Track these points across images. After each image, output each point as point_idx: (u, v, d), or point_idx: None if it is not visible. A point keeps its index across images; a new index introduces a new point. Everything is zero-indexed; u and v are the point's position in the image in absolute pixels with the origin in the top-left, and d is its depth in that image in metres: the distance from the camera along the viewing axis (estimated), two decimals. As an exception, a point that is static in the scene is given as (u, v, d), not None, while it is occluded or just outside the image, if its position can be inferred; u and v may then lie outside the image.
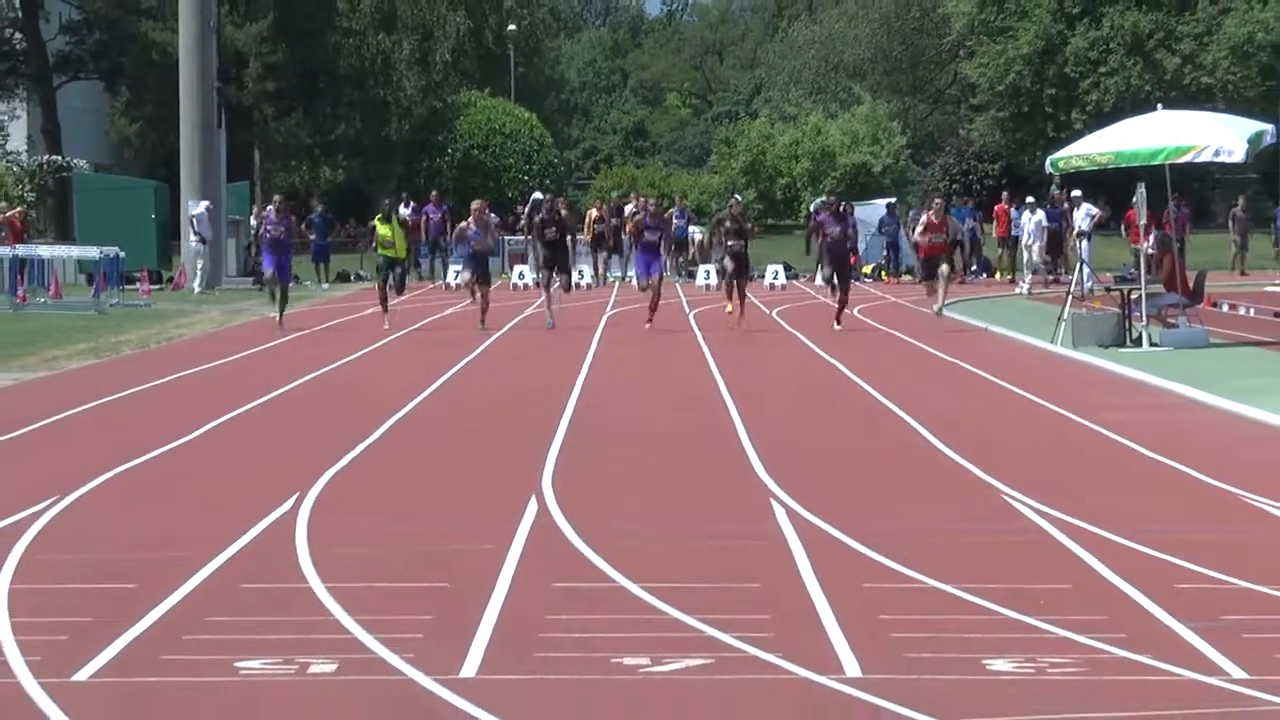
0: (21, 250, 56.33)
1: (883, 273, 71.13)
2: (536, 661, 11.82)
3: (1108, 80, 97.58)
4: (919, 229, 45.68)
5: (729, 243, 44.06)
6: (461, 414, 26.10)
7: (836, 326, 42.84)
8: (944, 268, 45.08)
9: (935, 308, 44.28)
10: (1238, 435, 23.91)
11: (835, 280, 43.96)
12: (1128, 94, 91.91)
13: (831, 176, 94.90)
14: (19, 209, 66.03)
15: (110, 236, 57.70)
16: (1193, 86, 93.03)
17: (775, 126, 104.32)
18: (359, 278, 65.73)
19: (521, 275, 65.35)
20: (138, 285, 59.12)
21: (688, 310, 50.65)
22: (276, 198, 47.86)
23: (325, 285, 66.32)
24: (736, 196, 49.08)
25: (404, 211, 57.21)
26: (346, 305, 54.01)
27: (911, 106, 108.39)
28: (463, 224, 46.17)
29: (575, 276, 68.56)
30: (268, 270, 44.93)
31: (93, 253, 55.94)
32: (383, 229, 44.93)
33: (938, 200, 46.07)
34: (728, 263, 44.15)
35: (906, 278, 69.95)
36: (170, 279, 64.63)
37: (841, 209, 46.30)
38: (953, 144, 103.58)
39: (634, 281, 50.15)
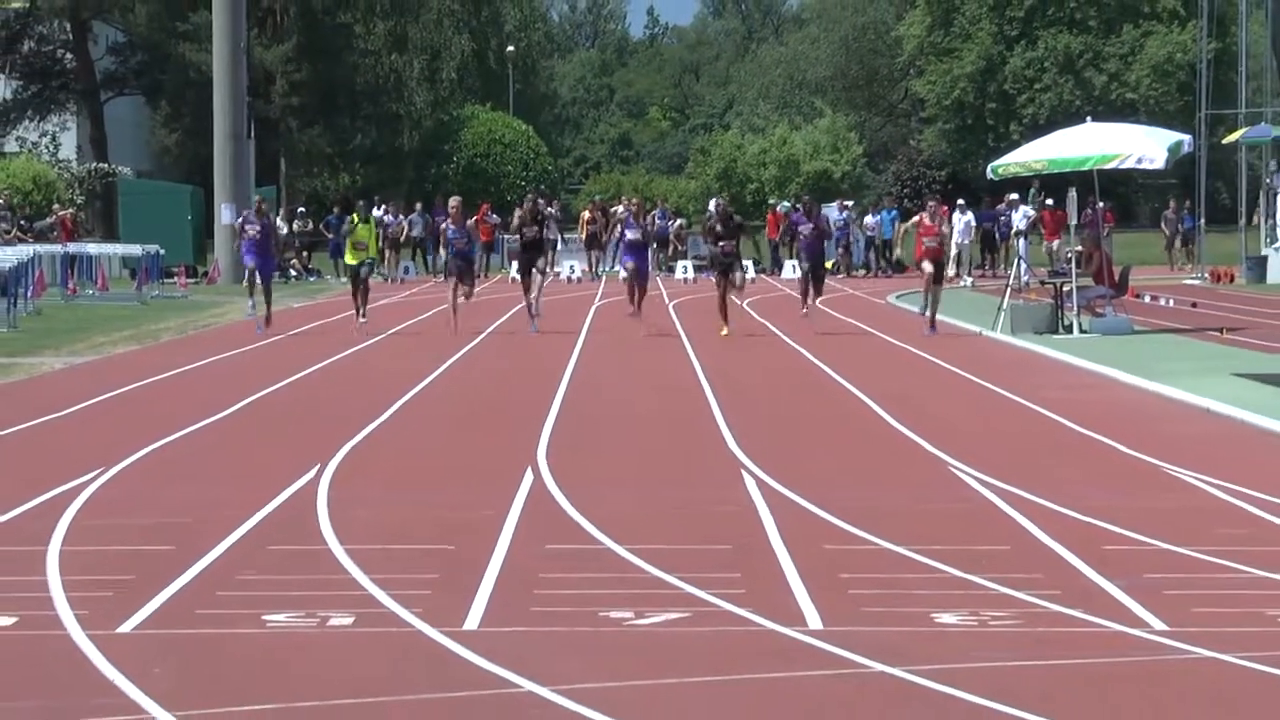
0: (72, 248, 56.24)
1: (839, 268, 71.12)
2: (533, 615, 11.83)
3: (1042, 96, 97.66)
4: (909, 225, 41.51)
5: (721, 244, 38.04)
6: (464, 395, 26.06)
7: (803, 310, 39.57)
8: (928, 269, 38.96)
9: (927, 312, 39.00)
10: (1157, 412, 23.93)
11: (809, 274, 40.33)
12: (1060, 108, 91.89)
13: (796, 182, 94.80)
14: (70, 210, 65.95)
15: (151, 235, 57.70)
16: (1118, 101, 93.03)
17: (745, 137, 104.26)
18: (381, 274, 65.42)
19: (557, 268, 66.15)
20: (176, 279, 59.11)
21: (668, 301, 50.48)
22: (255, 197, 44.87)
23: (343, 279, 66.50)
24: (716, 199, 44.11)
25: (376, 214, 53.58)
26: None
27: (867, 119, 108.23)
28: (442, 225, 42.13)
29: (567, 270, 68.67)
30: (249, 264, 40.35)
31: (135, 250, 55.91)
32: (361, 229, 39.95)
33: (931, 202, 40.49)
34: (719, 266, 38.18)
35: (859, 272, 70.09)
36: (205, 273, 64.55)
37: (811, 209, 41.86)
38: (904, 153, 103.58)
39: (621, 274, 44.24)
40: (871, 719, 9.55)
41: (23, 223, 59.34)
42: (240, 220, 42.18)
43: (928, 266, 38.80)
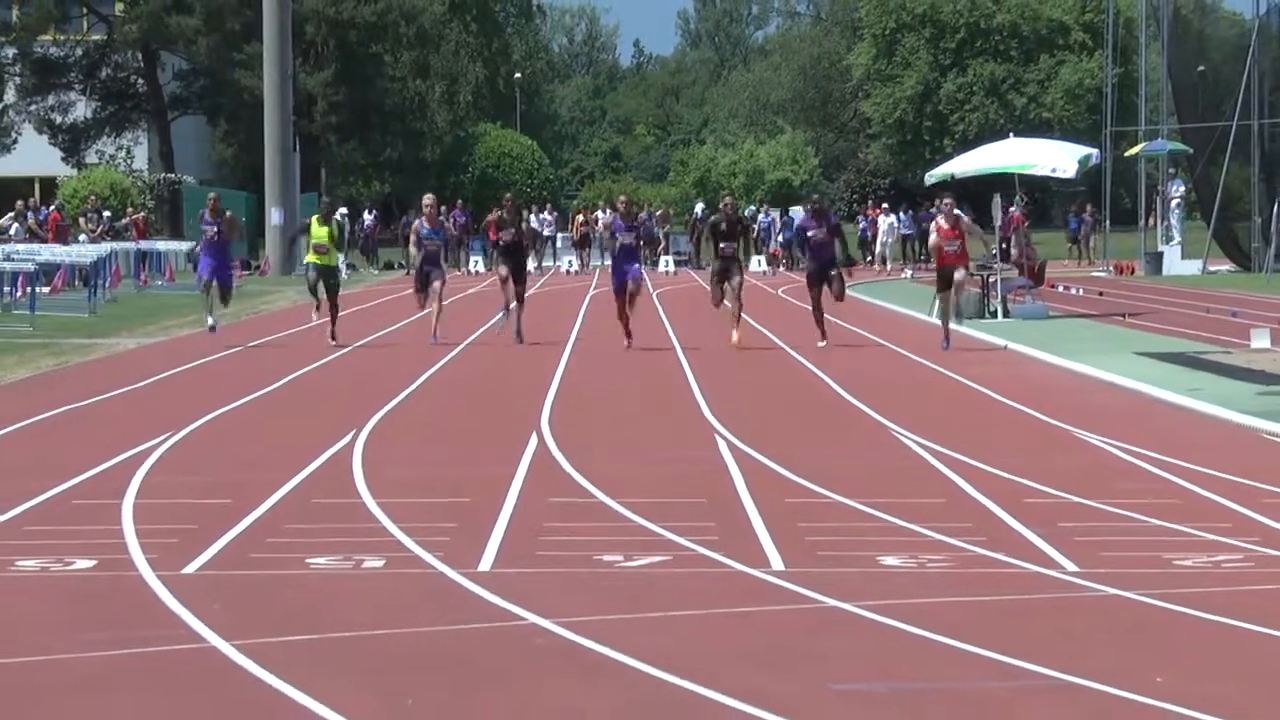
0: (144, 245, 56.22)
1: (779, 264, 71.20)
2: (537, 558, 11.83)
3: (971, 115, 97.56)
4: (934, 238, 30.74)
5: (722, 245, 29.98)
6: (476, 374, 26.06)
7: (821, 344, 29.37)
8: (959, 273, 29.60)
9: (943, 324, 30.00)
10: (1068, 384, 23.92)
11: (819, 282, 30.40)
12: (986, 125, 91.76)
13: (761, 189, 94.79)
14: (142, 213, 65.97)
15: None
16: (1036, 120, 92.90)
17: (718, 151, 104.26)
18: (401, 266, 65.38)
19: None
20: (236, 271, 58.99)
21: (652, 290, 50.41)
22: (211, 195, 34.18)
23: (375, 271, 66.92)
24: (729, 197, 33.89)
25: (340, 215, 45.75)
26: (391, 287, 53.72)
27: (822, 135, 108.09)
28: (415, 222, 33.16)
29: (564, 265, 68.72)
30: (203, 275, 31.65)
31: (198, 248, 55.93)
32: (317, 230, 31.50)
33: (947, 200, 30.95)
34: (717, 265, 30.21)
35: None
36: (257, 267, 64.45)
37: (821, 211, 31.73)
38: (853, 164, 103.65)
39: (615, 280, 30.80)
40: (825, 647, 9.54)
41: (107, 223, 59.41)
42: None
43: (959, 274, 29.59)
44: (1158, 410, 20.94)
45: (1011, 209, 44.51)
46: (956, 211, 30.08)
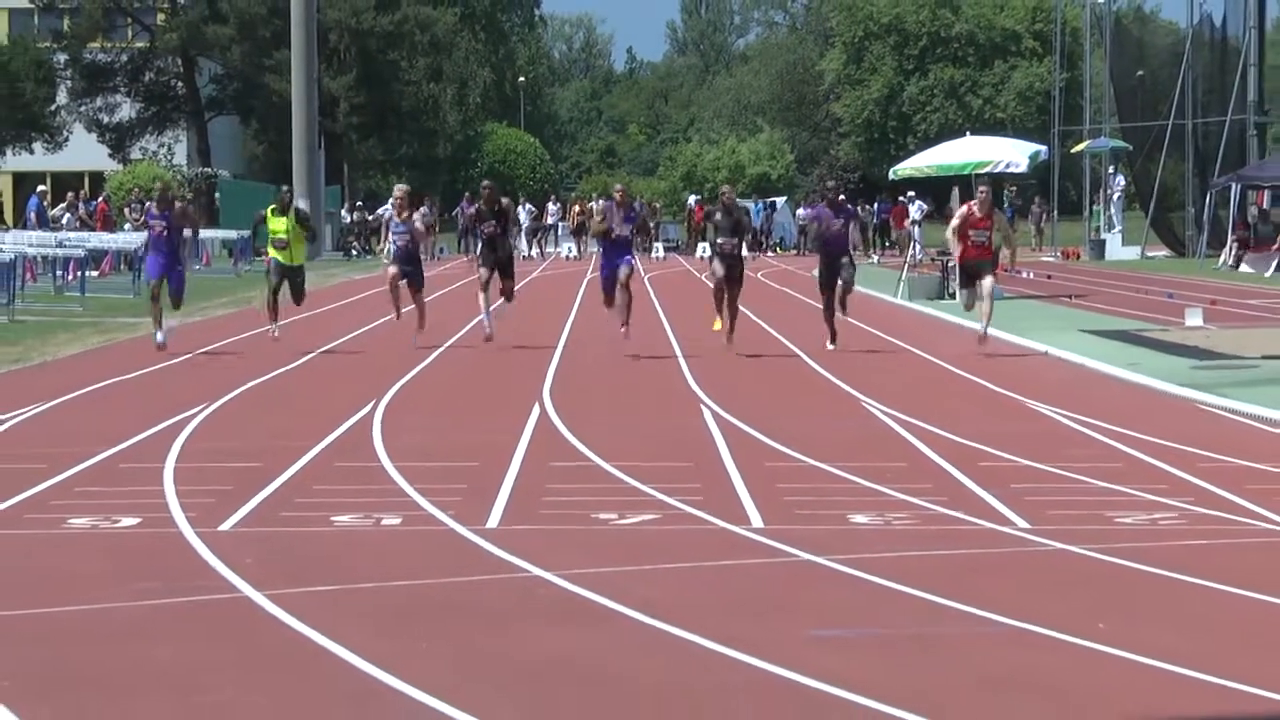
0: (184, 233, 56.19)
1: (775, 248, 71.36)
2: (539, 516, 11.83)
3: (932, 115, 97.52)
4: (955, 222, 24.96)
5: (720, 241, 24.40)
6: (482, 352, 26.05)
7: (830, 346, 24.63)
8: (987, 280, 24.48)
9: (980, 327, 24.36)
10: (1018, 359, 23.93)
11: (823, 281, 24.94)
12: (946, 125, 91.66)
13: (742, 182, 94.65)
14: (181, 204, 66.03)
15: (243, 223, 57.23)
16: (991, 120, 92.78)
17: (703, 148, 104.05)
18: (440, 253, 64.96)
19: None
20: (262, 257, 58.78)
21: (643, 273, 50.30)
22: (158, 184, 28.44)
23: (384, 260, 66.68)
24: (727, 186, 27.19)
25: (302, 205, 37.49)
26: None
27: (797, 134, 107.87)
28: (384, 213, 27.52)
29: (564, 252, 68.74)
30: (151, 277, 24.96)
31: (232, 235, 55.80)
32: (274, 222, 25.28)
33: (983, 189, 25.91)
34: (717, 267, 24.54)
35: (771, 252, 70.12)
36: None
37: (838, 200, 25.57)
38: (825, 160, 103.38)
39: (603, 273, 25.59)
40: (800, 597, 9.55)
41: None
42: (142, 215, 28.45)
43: (987, 281, 24.11)
44: (1101, 382, 20.95)
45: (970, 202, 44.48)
46: (992, 202, 25.10)
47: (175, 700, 7.48)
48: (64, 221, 54.58)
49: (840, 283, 24.35)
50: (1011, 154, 41.41)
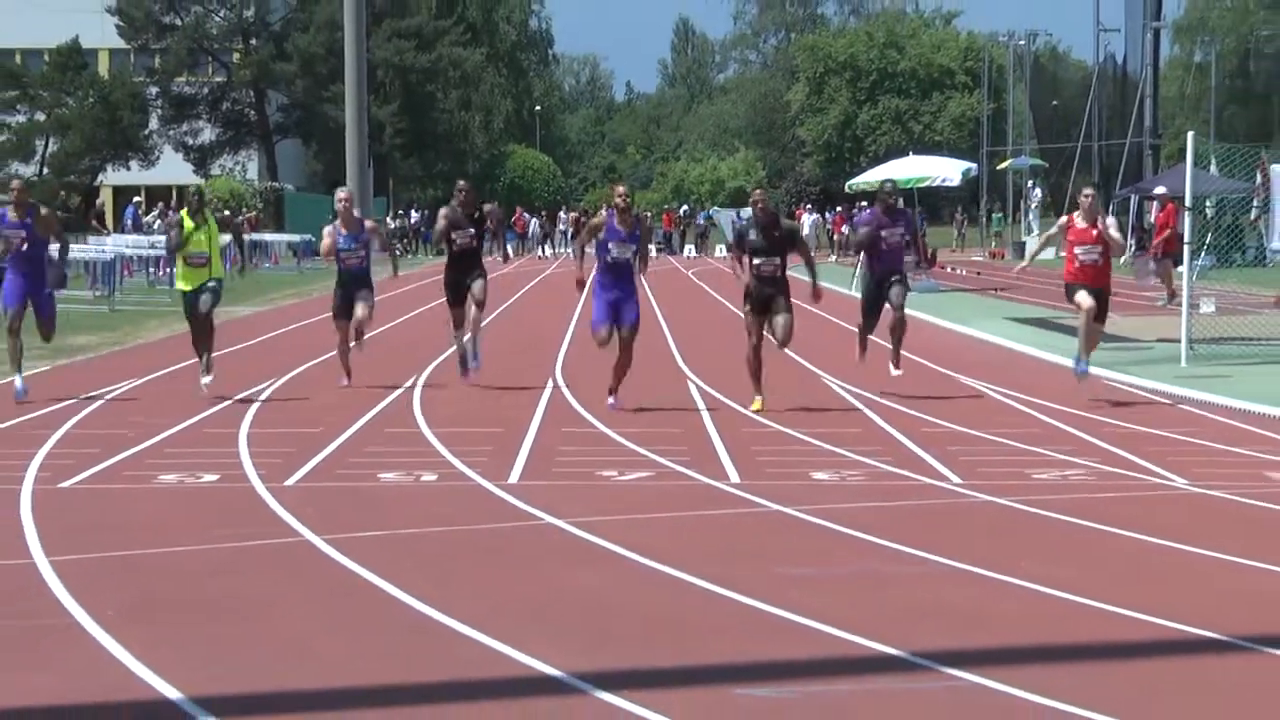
0: (254, 237, 56.19)
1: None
2: (552, 474, 11.81)
3: (881, 138, 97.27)
4: (1052, 230, 17.19)
5: (758, 262, 15.33)
6: (505, 335, 26.01)
7: (895, 371, 17.17)
8: (1086, 301, 15.75)
9: (1078, 364, 16.39)
10: (954, 343, 23.89)
11: (870, 302, 17.23)
12: (892, 146, 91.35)
13: (722, 194, 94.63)
14: (254, 212, 65.95)
15: (305, 229, 57.31)
16: (929, 142, 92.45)
17: (689, 165, 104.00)
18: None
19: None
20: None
21: (635, 268, 50.03)
22: (14, 182, 16.21)
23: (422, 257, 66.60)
24: (759, 190, 16.31)
25: (239, 219, 25.42)
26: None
27: (767, 153, 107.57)
28: (328, 228, 17.52)
29: (572, 253, 67.65)
30: (8, 303, 15.59)
31: (295, 238, 55.76)
32: (196, 234, 16.21)
33: (1087, 191, 16.34)
34: (753, 289, 15.45)
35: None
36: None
37: (893, 206, 17.16)
38: (791, 175, 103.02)
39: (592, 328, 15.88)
40: (769, 541, 9.55)
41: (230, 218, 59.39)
42: None
43: (1085, 299, 15.82)
44: (1022, 362, 20.94)
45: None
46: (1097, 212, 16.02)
47: (249, 624, 7.49)
48: (155, 227, 54.52)
49: (893, 305, 16.80)
50: (947, 170, 41.41)
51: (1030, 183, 64.68)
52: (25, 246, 15.47)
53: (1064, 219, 16.31)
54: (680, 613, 7.72)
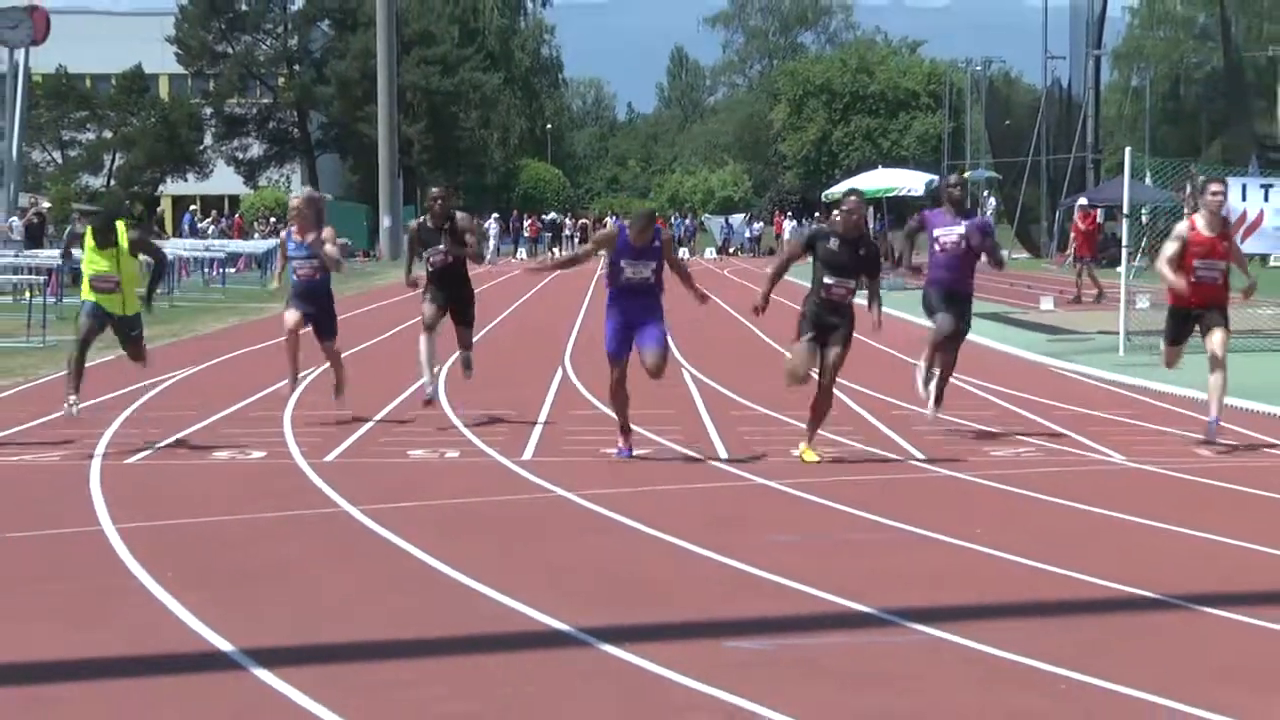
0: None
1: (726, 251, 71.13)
2: (563, 451, 11.80)
3: (853, 153, 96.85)
4: (1174, 247, 11.27)
5: (829, 281, 11.01)
6: (518, 331, 26.00)
7: (930, 410, 12.39)
8: (1217, 337, 11.24)
9: (1210, 423, 11.49)
10: (917, 334, 23.79)
11: (941, 332, 12.29)
12: (864, 160, 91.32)
13: (713, 203, 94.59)
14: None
15: (344, 233, 57.13)
16: (896, 156, 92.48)
17: (684, 177, 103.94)
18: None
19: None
20: (358, 257, 58.70)
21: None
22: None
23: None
24: (853, 198, 10.77)
25: (135, 235, 12.14)
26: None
27: (753, 166, 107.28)
28: (283, 232, 13.73)
29: (523, 254, 67.26)
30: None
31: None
32: (99, 256, 11.65)
33: (1214, 186, 11.19)
34: (805, 336, 11.30)
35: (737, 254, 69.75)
36: (373, 255, 64.16)
37: (960, 198, 12.16)
38: (774, 186, 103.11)
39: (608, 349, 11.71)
40: (754, 507, 9.55)
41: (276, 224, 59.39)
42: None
43: (1217, 336, 11.36)
44: (978, 351, 20.93)
45: (879, 218, 44.31)
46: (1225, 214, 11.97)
47: (295, 584, 7.49)
48: (209, 232, 54.52)
49: (956, 333, 12.40)
50: (912, 181, 41.56)
51: (985, 192, 64.72)
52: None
53: (1183, 226, 11.52)
54: (677, 575, 7.71)
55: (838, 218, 11.01)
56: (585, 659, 6.19)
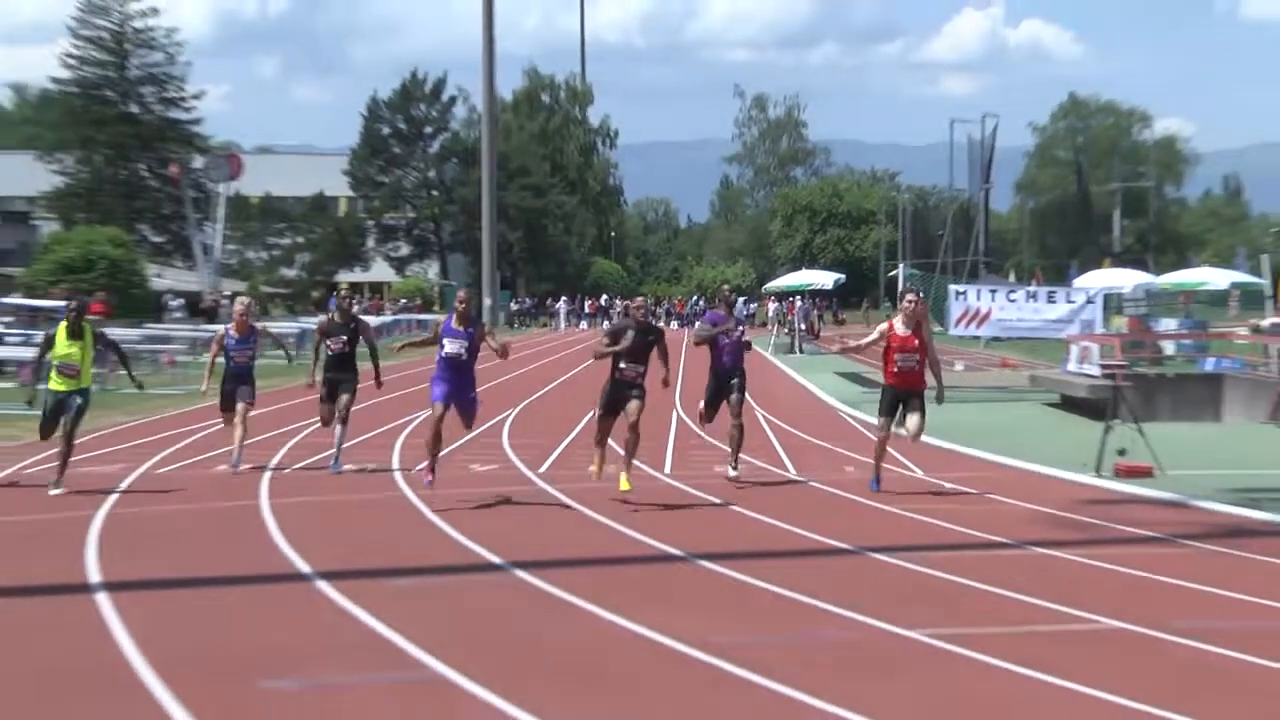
0: (423, 316, 56.92)
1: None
2: (571, 466, 11.92)
3: (828, 254, 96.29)
4: (873, 337, 10.35)
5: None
6: (559, 400, 24.23)
7: (731, 472, 11.24)
8: (913, 421, 9.88)
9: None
10: (791, 387, 22.85)
11: (712, 394, 11.17)
12: (836, 259, 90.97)
13: (725, 287, 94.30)
14: (376, 296, 67.02)
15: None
16: (857, 258, 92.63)
17: (706, 269, 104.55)
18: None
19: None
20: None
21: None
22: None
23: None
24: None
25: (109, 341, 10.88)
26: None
27: (756, 262, 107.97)
28: (220, 330, 11.69)
29: (585, 326, 65.25)
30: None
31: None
32: (64, 344, 10.24)
33: (910, 298, 9.95)
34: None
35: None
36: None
37: (734, 301, 11.59)
38: (770, 277, 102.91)
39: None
40: (746, 493, 9.97)
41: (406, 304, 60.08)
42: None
43: (914, 424, 9.97)
44: (814, 400, 20.30)
45: (801, 301, 44.14)
46: None
47: (383, 557, 7.81)
48: (355, 310, 55.25)
49: (731, 414, 11.16)
50: (823, 278, 42.00)
51: (908, 283, 64.89)
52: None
53: (884, 325, 10.45)
54: (636, 553, 7.95)
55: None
56: (577, 617, 6.33)
